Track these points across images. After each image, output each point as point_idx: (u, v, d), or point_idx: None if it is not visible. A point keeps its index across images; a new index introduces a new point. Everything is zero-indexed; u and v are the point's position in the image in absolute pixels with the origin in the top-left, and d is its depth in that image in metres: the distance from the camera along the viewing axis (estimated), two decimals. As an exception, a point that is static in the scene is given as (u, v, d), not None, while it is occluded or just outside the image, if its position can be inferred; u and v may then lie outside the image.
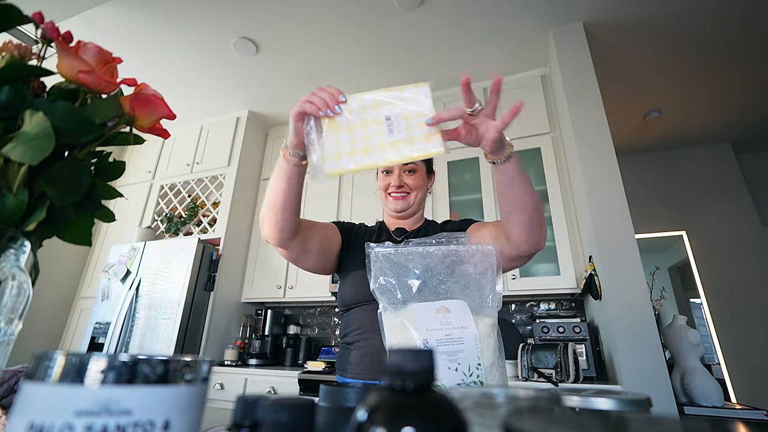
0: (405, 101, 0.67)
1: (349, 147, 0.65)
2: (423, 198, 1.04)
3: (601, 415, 0.19)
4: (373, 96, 0.70)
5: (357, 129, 0.67)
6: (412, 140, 0.63)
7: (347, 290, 0.92)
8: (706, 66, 2.56)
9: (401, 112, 0.66)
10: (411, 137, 0.64)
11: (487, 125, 0.65)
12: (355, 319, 0.90)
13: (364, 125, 0.67)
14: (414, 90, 0.69)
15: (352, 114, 0.69)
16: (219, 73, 2.76)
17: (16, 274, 0.38)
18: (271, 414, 0.24)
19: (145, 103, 0.45)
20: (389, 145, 0.63)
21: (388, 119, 0.66)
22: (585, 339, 1.92)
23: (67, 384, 0.19)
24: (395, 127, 0.65)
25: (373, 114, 0.67)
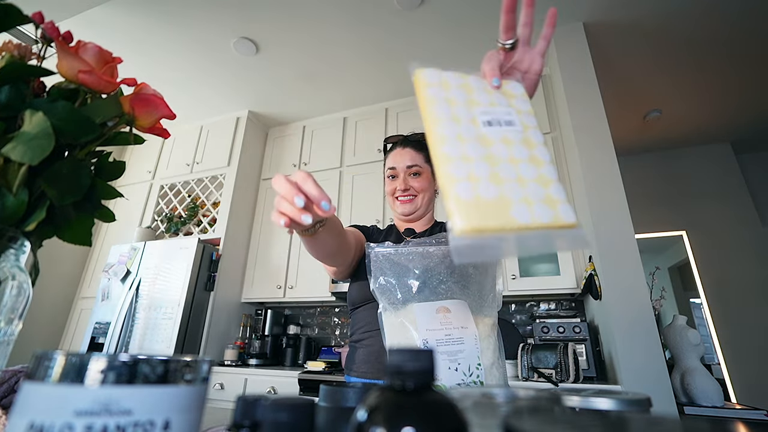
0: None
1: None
2: (431, 199, 1.03)
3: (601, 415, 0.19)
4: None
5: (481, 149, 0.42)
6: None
7: (354, 289, 0.93)
8: (707, 66, 2.56)
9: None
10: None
11: (530, 56, 0.53)
12: (361, 318, 0.91)
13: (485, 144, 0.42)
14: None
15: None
16: (219, 73, 2.76)
17: (16, 274, 0.38)
18: (271, 414, 0.24)
19: (145, 102, 0.45)
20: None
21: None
22: (585, 339, 1.92)
23: (67, 384, 0.19)
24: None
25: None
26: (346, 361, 0.94)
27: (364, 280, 0.91)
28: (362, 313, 0.92)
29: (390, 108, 2.95)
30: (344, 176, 2.87)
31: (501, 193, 0.38)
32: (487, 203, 0.37)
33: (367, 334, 0.87)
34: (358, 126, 3.01)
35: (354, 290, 0.94)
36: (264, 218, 3.03)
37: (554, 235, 0.38)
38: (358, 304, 0.93)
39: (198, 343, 2.46)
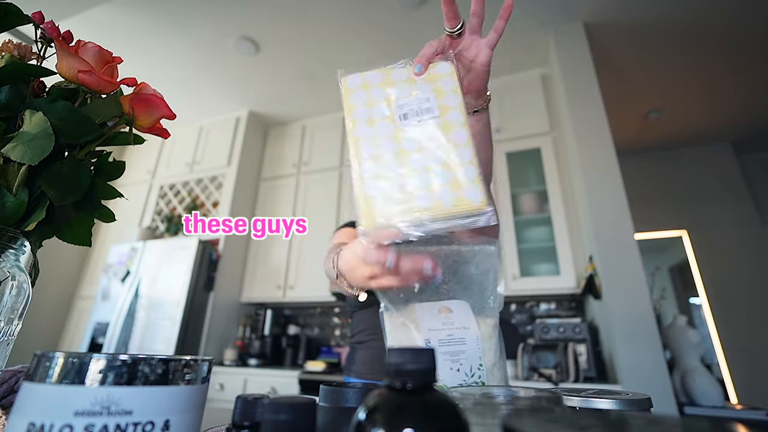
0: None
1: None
2: None
3: (601, 415, 0.19)
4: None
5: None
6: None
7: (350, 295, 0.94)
8: (707, 66, 2.56)
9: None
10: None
11: (477, 45, 0.50)
12: (362, 320, 0.91)
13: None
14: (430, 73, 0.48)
15: None
16: (219, 73, 2.76)
17: (16, 274, 0.38)
18: (271, 414, 0.24)
19: (145, 102, 0.45)
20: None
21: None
22: (585, 339, 1.92)
23: (67, 384, 0.19)
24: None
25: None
26: (346, 362, 0.94)
27: None
28: (363, 316, 0.92)
29: (390, 108, 2.95)
30: (344, 176, 2.87)
31: (406, 185, 0.40)
32: (392, 197, 0.39)
33: (369, 337, 0.87)
34: (358, 126, 3.01)
35: None
36: (264, 218, 3.03)
37: (458, 218, 0.40)
38: (359, 306, 0.92)
39: (198, 343, 2.46)
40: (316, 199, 2.89)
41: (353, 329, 0.94)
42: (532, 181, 2.44)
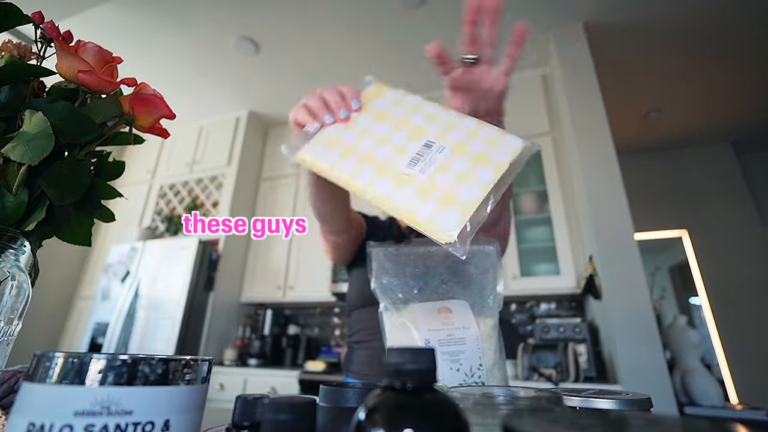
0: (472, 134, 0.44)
1: (343, 147, 0.47)
2: None
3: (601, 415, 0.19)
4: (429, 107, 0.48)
5: (369, 135, 0.47)
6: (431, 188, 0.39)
7: (352, 291, 0.92)
8: (707, 66, 2.56)
9: (452, 145, 0.43)
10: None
11: (491, 76, 0.49)
12: (359, 320, 0.91)
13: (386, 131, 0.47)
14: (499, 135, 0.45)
15: (373, 117, 0.50)
16: (219, 73, 2.76)
17: (16, 274, 0.38)
18: (271, 414, 0.24)
19: (145, 102, 0.45)
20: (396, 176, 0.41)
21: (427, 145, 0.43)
22: (585, 339, 1.92)
23: (66, 384, 0.19)
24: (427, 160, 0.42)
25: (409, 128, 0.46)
26: (345, 362, 0.93)
27: (360, 281, 0.90)
28: (362, 315, 0.91)
29: (390, 108, 2.95)
30: (344, 176, 2.87)
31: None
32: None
33: (368, 337, 0.87)
34: (358, 126, 3.01)
35: (352, 292, 0.93)
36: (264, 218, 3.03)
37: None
38: (356, 306, 0.92)
39: (198, 343, 2.46)
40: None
41: (351, 328, 0.94)
42: (532, 181, 2.44)
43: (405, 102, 0.51)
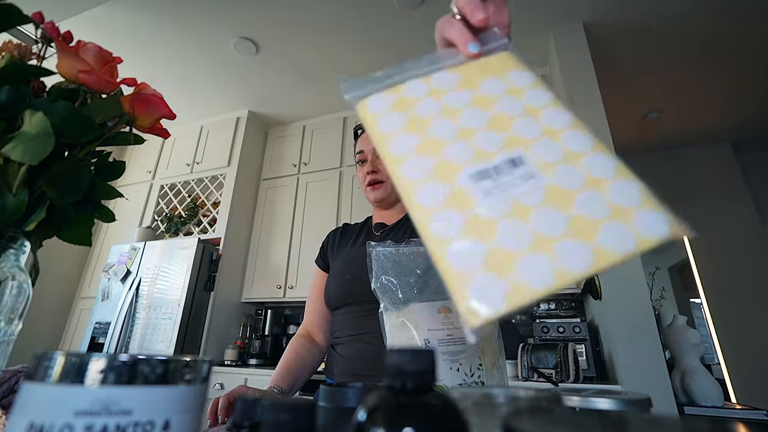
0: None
1: (427, 137, 0.32)
2: None
3: (601, 415, 0.19)
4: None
5: (461, 131, 0.32)
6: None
7: (328, 291, 0.93)
8: (707, 66, 2.56)
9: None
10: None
11: (495, 4, 0.41)
12: (336, 322, 0.90)
13: None
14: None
15: None
16: (219, 73, 2.76)
17: (16, 274, 0.38)
18: (271, 414, 0.24)
19: (145, 102, 0.45)
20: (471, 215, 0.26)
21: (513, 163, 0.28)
22: (585, 339, 1.92)
23: (67, 384, 0.19)
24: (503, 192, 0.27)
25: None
26: (326, 365, 0.94)
27: (336, 282, 0.90)
28: (336, 317, 0.90)
29: (390, 108, 2.95)
30: (344, 176, 2.87)
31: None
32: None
33: (342, 340, 0.86)
34: (358, 126, 3.01)
35: (328, 292, 0.92)
36: (264, 218, 3.03)
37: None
38: (335, 305, 0.90)
39: (198, 343, 2.46)
40: (316, 199, 2.89)
41: (331, 328, 0.94)
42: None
43: (524, 94, 0.33)
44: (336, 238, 1.03)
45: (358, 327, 0.83)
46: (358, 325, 0.84)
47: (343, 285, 0.88)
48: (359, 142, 0.99)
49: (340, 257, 0.95)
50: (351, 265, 0.90)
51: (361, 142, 0.98)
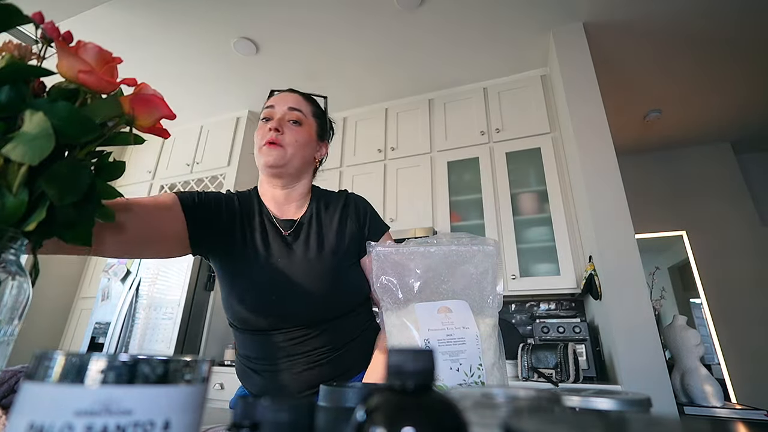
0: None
1: None
2: (306, 164, 0.83)
3: (601, 415, 0.19)
4: None
5: None
6: None
7: (235, 310, 0.75)
8: (706, 66, 2.56)
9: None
10: None
11: None
12: (255, 347, 0.77)
13: None
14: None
15: None
16: (219, 73, 2.76)
17: (17, 274, 0.38)
18: (271, 414, 0.24)
19: (145, 102, 0.45)
20: None
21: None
22: (585, 339, 1.92)
23: (67, 384, 0.19)
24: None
25: None
26: (241, 377, 0.82)
27: (254, 298, 0.73)
28: (253, 342, 0.76)
29: (390, 108, 2.95)
30: (344, 176, 2.87)
31: None
32: None
33: (265, 367, 0.76)
34: (358, 126, 3.01)
35: (243, 309, 0.73)
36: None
37: None
38: (248, 329, 0.75)
39: (198, 343, 2.46)
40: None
41: (242, 348, 0.81)
42: (532, 181, 2.44)
43: None
44: (234, 217, 0.79)
45: (287, 354, 0.74)
46: (287, 352, 0.74)
47: (264, 310, 0.73)
48: (271, 99, 0.85)
49: (248, 261, 0.76)
50: (270, 280, 0.74)
51: (274, 99, 0.84)
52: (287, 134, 0.79)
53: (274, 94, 0.89)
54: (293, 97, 0.85)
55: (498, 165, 2.50)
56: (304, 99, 0.87)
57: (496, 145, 2.56)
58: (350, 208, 0.85)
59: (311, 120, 0.85)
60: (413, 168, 2.71)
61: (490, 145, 2.58)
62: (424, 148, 2.74)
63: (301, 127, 0.82)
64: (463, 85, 2.80)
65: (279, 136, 0.78)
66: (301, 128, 0.82)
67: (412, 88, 2.84)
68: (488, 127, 2.63)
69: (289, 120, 0.81)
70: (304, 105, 0.85)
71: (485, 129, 2.62)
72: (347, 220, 0.83)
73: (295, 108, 0.82)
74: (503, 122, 2.60)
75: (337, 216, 0.83)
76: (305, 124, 0.83)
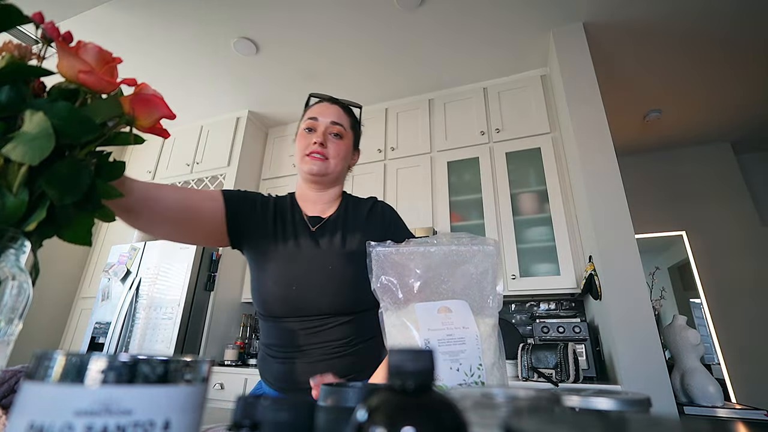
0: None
1: None
2: (343, 172, 0.91)
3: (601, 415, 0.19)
4: None
5: None
6: None
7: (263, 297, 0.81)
8: (706, 66, 2.56)
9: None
10: None
11: None
12: (277, 334, 0.81)
13: None
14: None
15: None
16: (219, 72, 2.76)
17: (16, 274, 0.38)
18: (271, 414, 0.24)
19: (145, 102, 0.45)
20: None
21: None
22: (585, 339, 1.92)
23: (67, 384, 0.19)
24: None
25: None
26: (262, 367, 0.85)
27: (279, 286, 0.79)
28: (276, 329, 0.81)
29: (390, 108, 2.95)
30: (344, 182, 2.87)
31: None
32: None
33: (286, 353, 0.79)
34: (358, 126, 3.00)
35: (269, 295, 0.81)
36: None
37: None
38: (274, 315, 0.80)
39: (198, 343, 2.46)
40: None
41: (264, 337, 0.85)
42: (532, 181, 2.44)
43: None
44: (267, 212, 0.87)
45: (304, 343, 0.77)
46: (304, 341, 0.78)
47: (287, 297, 0.79)
48: (314, 109, 0.91)
49: (277, 253, 0.83)
50: (293, 270, 0.80)
51: (317, 109, 0.90)
52: (330, 147, 0.87)
53: (311, 100, 0.96)
54: (335, 109, 0.91)
55: (498, 165, 2.50)
56: (344, 112, 0.92)
57: (496, 145, 2.56)
58: (377, 213, 0.91)
59: (350, 132, 0.92)
60: (413, 168, 2.71)
61: (490, 145, 2.58)
62: (424, 148, 2.74)
63: (342, 140, 0.89)
64: (463, 85, 2.80)
65: (323, 149, 0.86)
66: (342, 141, 0.89)
67: (412, 88, 2.84)
68: (488, 127, 2.63)
69: (332, 134, 0.88)
70: (344, 118, 0.91)
71: (485, 129, 2.62)
72: (372, 223, 0.88)
73: (337, 123, 0.89)
74: (503, 122, 2.60)
75: (363, 218, 0.89)
76: (345, 137, 0.90)
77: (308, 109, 0.93)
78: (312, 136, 0.87)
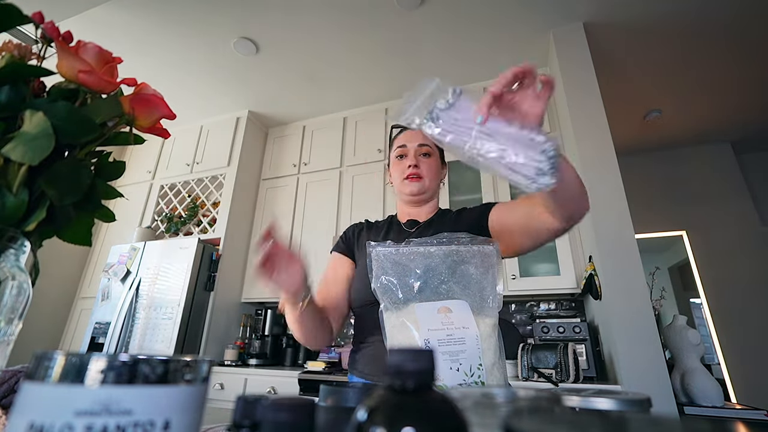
0: None
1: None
2: (437, 186, 1.02)
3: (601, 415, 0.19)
4: None
5: None
6: None
7: (353, 291, 0.93)
8: (706, 66, 2.56)
9: None
10: None
11: (531, 100, 0.55)
12: (360, 321, 0.91)
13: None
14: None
15: None
16: (219, 73, 2.76)
17: (16, 274, 0.38)
18: (271, 414, 0.24)
19: (145, 102, 0.45)
20: None
21: None
22: (585, 339, 1.92)
23: (67, 384, 0.19)
24: None
25: None
26: (350, 360, 0.92)
27: (359, 281, 0.89)
28: (360, 317, 0.91)
29: (390, 108, 2.95)
30: (344, 176, 2.87)
31: None
32: None
33: (365, 338, 0.87)
34: (358, 126, 3.01)
35: (353, 292, 0.93)
36: (264, 218, 3.03)
37: None
38: (355, 306, 0.92)
39: (198, 343, 2.46)
40: (316, 199, 2.89)
41: (357, 327, 0.94)
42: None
43: None
44: (363, 233, 1.01)
45: (377, 325, 0.86)
46: (377, 323, 0.86)
47: (361, 284, 0.88)
48: (401, 138, 1.01)
49: (362, 258, 0.94)
50: None
51: (404, 137, 1.00)
52: (422, 167, 0.96)
53: (393, 131, 1.06)
54: (418, 133, 0.98)
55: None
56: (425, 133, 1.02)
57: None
58: (467, 209, 0.99)
59: (436, 150, 1.01)
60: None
61: (490, 145, 2.58)
62: (424, 148, 2.74)
63: (431, 158, 0.99)
64: (463, 84, 2.80)
65: (417, 170, 0.96)
66: (431, 159, 0.99)
67: (412, 87, 2.84)
68: (488, 127, 2.62)
69: (421, 154, 0.98)
70: (428, 139, 1.01)
71: (485, 129, 2.62)
72: (464, 216, 0.95)
73: (424, 144, 0.98)
74: (503, 122, 2.59)
75: (453, 218, 0.96)
76: (433, 155, 0.99)
77: (395, 140, 1.03)
78: (405, 161, 0.97)
